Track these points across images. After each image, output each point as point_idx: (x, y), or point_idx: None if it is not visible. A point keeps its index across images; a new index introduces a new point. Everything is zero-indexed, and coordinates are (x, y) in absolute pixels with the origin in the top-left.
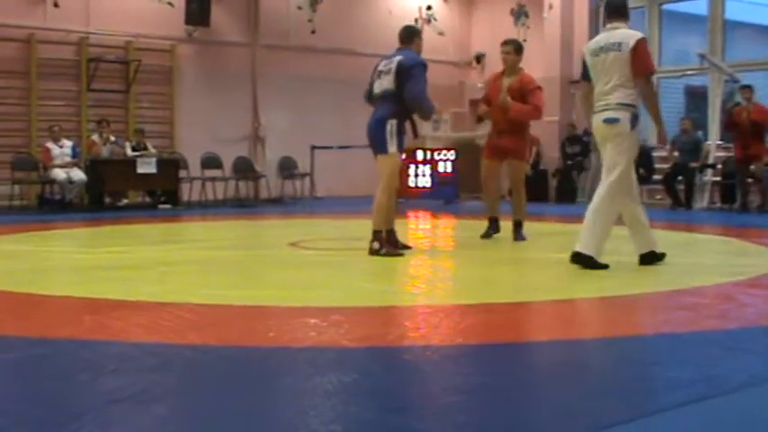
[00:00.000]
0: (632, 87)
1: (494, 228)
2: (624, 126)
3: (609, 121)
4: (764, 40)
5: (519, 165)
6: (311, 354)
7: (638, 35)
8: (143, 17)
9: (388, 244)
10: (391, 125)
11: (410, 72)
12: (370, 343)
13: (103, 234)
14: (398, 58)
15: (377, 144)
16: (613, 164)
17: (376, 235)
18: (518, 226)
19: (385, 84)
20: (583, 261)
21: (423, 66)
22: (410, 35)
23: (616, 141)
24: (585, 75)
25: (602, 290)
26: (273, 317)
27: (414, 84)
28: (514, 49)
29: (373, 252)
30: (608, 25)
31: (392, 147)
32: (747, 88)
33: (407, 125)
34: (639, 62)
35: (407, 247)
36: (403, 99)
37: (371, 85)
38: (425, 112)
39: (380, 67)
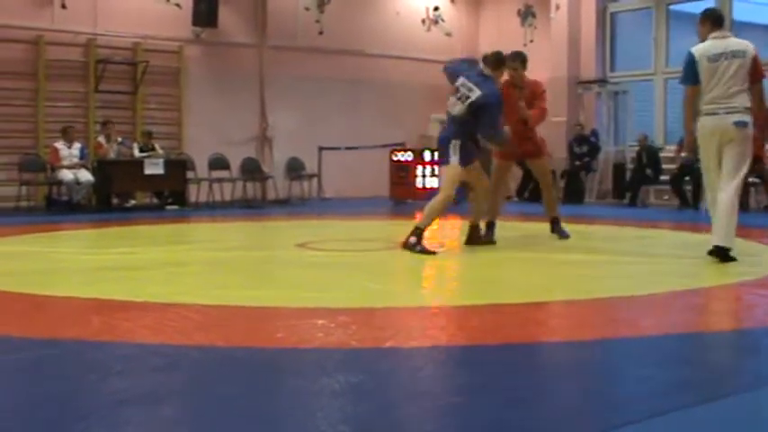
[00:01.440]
0: (748, 92)
1: (492, 232)
2: (750, 129)
3: (740, 125)
4: None
5: (541, 162)
6: (319, 355)
7: (752, 45)
8: (150, 18)
9: (423, 243)
10: (454, 144)
11: (485, 110)
12: (378, 344)
13: (111, 235)
14: (477, 94)
15: (441, 156)
16: (740, 164)
17: (416, 230)
18: (556, 223)
19: (457, 109)
20: (723, 254)
21: (499, 103)
22: (499, 64)
23: (745, 143)
24: (694, 78)
25: (611, 290)
26: (281, 318)
27: (487, 120)
28: (521, 62)
29: (407, 246)
30: (716, 33)
31: (453, 158)
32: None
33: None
34: (758, 69)
35: (492, 242)
36: (472, 125)
37: (455, 95)
38: (497, 143)
39: (459, 83)
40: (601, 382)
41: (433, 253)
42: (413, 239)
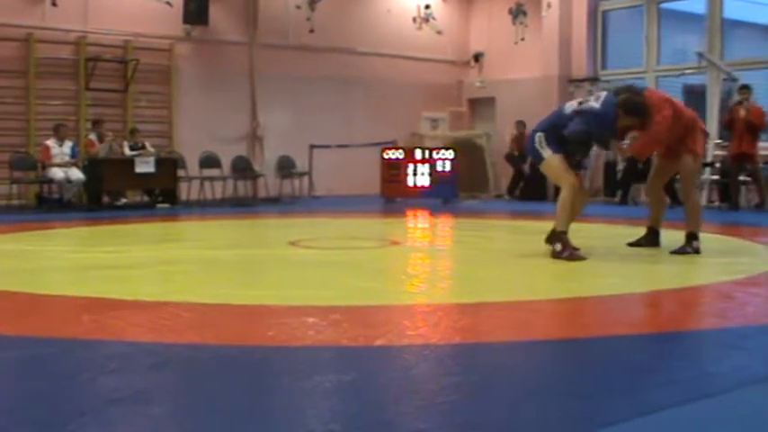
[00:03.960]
0: None
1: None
2: None
3: None
4: (763, 39)
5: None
6: (310, 353)
7: None
8: (141, 16)
9: (570, 247)
10: (539, 138)
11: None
12: (369, 342)
13: (102, 233)
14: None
15: (534, 157)
16: None
17: (557, 236)
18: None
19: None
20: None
21: (607, 122)
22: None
23: None
24: None
25: (601, 288)
26: (272, 316)
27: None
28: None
29: (555, 256)
30: None
31: (546, 152)
32: (745, 88)
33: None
34: None
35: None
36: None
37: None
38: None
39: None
40: (589, 381)
41: (584, 258)
42: (558, 246)
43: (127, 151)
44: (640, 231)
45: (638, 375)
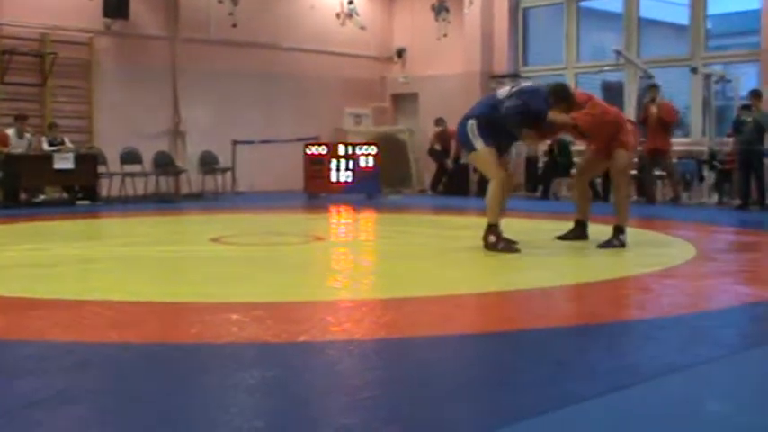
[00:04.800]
0: None
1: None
2: None
3: None
4: (677, 38)
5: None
6: (234, 350)
7: None
8: (59, 9)
9: (504, 239)
10: (471, 126)
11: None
12: (293, 338)
13: (19, 231)
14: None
15: (464, 146)
16: None
17: (490, 228)
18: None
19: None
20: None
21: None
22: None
23: None
24: None
25: (524, 282)
26: (195, 313)
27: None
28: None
29: (489, 247)
30: None
31: (478, 143)
32: (654, 87)
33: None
34: None
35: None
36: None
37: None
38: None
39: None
40: (511, 374)
41: (518, 250)
42: (492, 238)
43: (45, 147)
44: (563, 225)
45: (559, 367)
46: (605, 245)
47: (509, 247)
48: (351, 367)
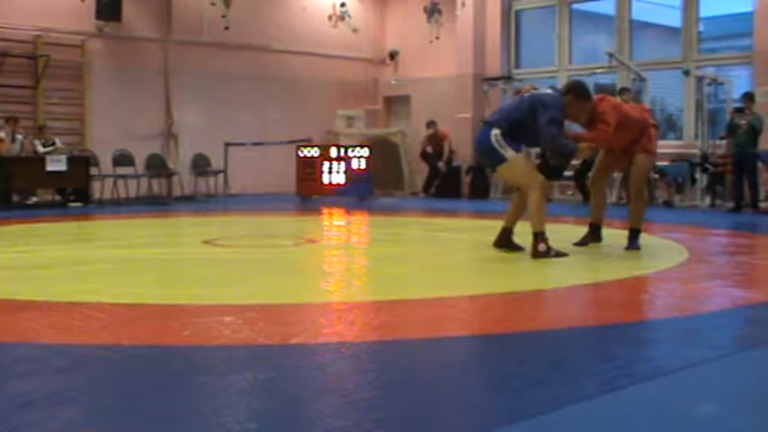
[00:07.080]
0: None
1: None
2: None
3: None
4: (669, 40)
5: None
6: (226, 352)
7: None
8: (52, 11)
9: (551, 246)
10: (496, 135)
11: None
12: (286, 340)
13: (12, 233)
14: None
15: (493, 160)
16: None
17: (537, 237)
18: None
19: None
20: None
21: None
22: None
23: None
24: None
25: (513, 286)
26: (188, 315)
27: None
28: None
29: (539, 255)
30: None
31: (509, 152)
32: (625, 90)
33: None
34: None
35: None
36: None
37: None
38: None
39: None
40: (503, 376)
41: (567, 254)
42: (542, 247)
43: (39, 149)
44: (559, 227)
45: (553, 369)
46: (631, 247)
47: (558, 252)
48: (343, 369)
